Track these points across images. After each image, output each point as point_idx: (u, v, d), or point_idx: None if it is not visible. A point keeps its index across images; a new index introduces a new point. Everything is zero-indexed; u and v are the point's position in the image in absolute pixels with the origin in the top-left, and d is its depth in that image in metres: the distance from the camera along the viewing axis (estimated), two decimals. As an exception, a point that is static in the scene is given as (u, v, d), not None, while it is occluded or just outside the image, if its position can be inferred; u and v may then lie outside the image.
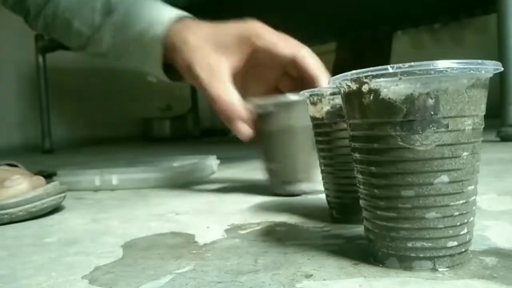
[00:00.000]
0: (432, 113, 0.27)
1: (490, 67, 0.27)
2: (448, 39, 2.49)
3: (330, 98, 0.40)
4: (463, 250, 0.29)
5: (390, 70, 0.26)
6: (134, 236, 0.42)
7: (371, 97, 0.28)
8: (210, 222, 0.46)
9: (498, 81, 1.14)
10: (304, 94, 0.43)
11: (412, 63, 0.26)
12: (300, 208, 0.50)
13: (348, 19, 1.97)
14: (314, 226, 0.42)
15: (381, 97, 0.27)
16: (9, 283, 0.32)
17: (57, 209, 0.57)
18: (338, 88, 0.31)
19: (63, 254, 0.38)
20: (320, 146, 0.43)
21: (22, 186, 0.54)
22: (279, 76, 0.59)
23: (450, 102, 0.27)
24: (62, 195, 0.57)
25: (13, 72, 2.41)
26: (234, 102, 0.54)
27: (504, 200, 0.48)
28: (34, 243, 0.43)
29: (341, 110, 0.37)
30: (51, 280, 0.32)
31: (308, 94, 0.42)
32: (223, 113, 0.54)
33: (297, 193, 0.57)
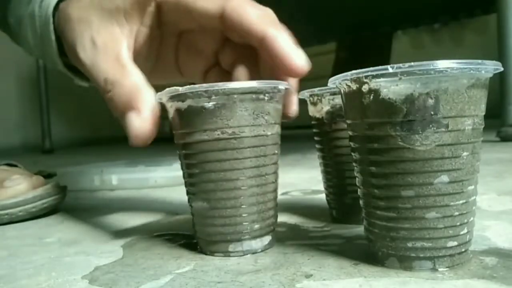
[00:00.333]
0: (432, 113, 0.27)
1: (490, 67, 0.27)
2: (448, 39, 2.49)
3: (330, 98, 0.40)
4: (463, 250, 0.29)
5: (390, 70, 0.26)
6: (134, 236, 0.42)
7: (371, 97, 0.28)
8: (210, 222, 0.46)
9: (498, 81, 1.14)
10: (271, 84, 0.33)
11: (412, 63, 0.26)
12: (300, 208, 0.50)
13: (348, 19, 1.97)
14: (314, 226, 0.42)
15: (381, 97, 0.27)
16: (9, 283, 0.32)
17: (57, 209, 0.57)
18: (338, 88, 0.31)
19: (63, 254, 0.38)
20: (320, 146, 0.43)
21: (21, 186, 0.54)
22: (218, 45, 0.40)
23: (450, 102, 0.27)
24: (62, 195, 0.57)
25: (13, 72, 2.41)
26: (129, 84, 0.35)
27: (504, 200, 0.48)
28: (34, 243, 0.43)
29: (341, 110, 0.37)
30: (51, 280, 0.32)
31: (308, 94, 0.42)
32: (114, 103, 0.36)
33: (234, 255, 0.34)
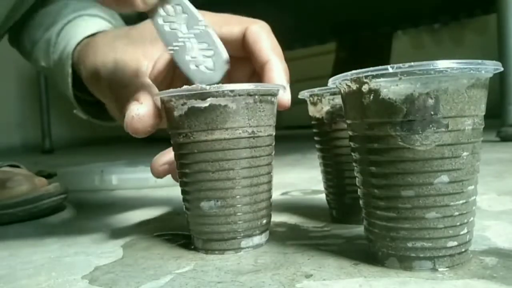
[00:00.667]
0: (432, 113, 0.27)
1: (490, 67, 0.27)
2: (448, 39, 2.49)
3: (330, 98, 0.40)
4: (463, 250, 0.29)
5: (390, 70, 0.26)
6: (134, 236, 0.42)
7: (371, 97, 0.28)
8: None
9: (498, 81, 1.14)
10: (264, 86, 0.35)
11: (412, 63, 0.26)
12: (300, 208, 0.50)
13: (348, 19, 1.97)
14: (314, 226, 0.42)
15: (381, 97, 0.27)
16: (9, 283, 0.32)
17: (57, 209, 0.57)
18: (338, 88, 0.31)
19: (63, 254, 0.38)
20: (320, 146, 0.43)
21: (23, 187, 0.54)
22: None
23: (450, 102, 0.27)
24: (63, 196, 0.58)
25: (13, 72, 2.41)
26: (138, 85, 0.37)
27: (504, 200, 0.48)
28: (34, 243, 0.43)
29: (341, 110, 0.37)
30: (51, 280, 0.32)
31: (308, 94, 0.42)
32: (122, 103, 0.37)
33: (226, 250, 0.35)
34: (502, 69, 0.28)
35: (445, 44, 2.48)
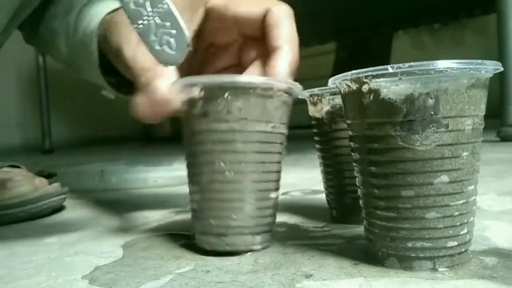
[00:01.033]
0: (432, 113, 0.27)
1: (490, 67, 0.27)
2: (448, 39, 2.49)
3: (330, 98, 0.40)
4: (463, 250, 0.29)
5: (390, 70, 0.26)
6: (134, 236, 0.42)
7: (371, 97, 0.28)
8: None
9: (498, 81, 1.14)
10: (271, 81, 0.34)
11: (412, 63, 0.26)
12: (300, 208, 0.50)
13: (348, 20, 1.97)
14: (314, 226, 0.42)
15: (381, 97, 0.27)
16: (9, 283, 0.32)
17: (57, 209, 0.57)
18: (338, 88, 0.31)
19: (63, 254, 0.38)
20: (320, 146, 0.43)
21: (23, 187, 0.54)
22: (241, 44, 0.42)
23: (450, 102, 0.27)
24: (63, 196, 0.58)
25: (13, 72, 2.41)
26: (160, 69, 0.36)
27: (504, 200, 0.48)
28: (34, 243, 0.43)
29: (341, 110, 0.37)
30: (51, 280, 0.32)
31: (308, 94, 0.42)
32: (145, 85, 0.37)
33: (233, 250, 0.34)
34: (502, 69, 0.28)
35: (445, 44, 2.48)
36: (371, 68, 0.27)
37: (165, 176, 0.75)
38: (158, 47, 0.33)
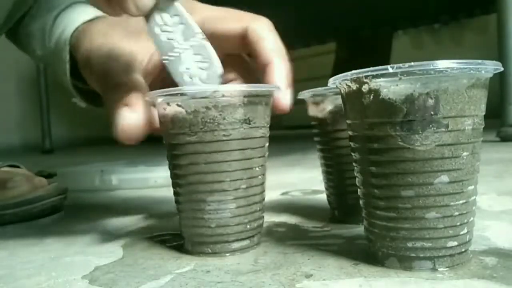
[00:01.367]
0: (432, 113, 0.27)
1: (490, 67, 0.27)
2: (448, 39, 2.49)
3: (333, 98, 0.40)
4: (463, 250, 0.29)
5: (390, 70, 0.26)
6: (134, 236, 0.42)
7: (371, 97, 0.28)
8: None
9: (498, 81, 1.14)
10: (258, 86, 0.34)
11: (412, 63, 0.26)
12: (300, 208, 0.50)
13: (348, 20, 1.97)
14: (314, 226, 0.42)
15: (381, 97, 0.27)
16: (9, 283, 0.32)
17: (57, 209, 0.57)
18: (338, 88, 0.31)
19: (63, 254, 0.38)
20: (321, 147, 0.43)
21: (23, 187, 0.54)
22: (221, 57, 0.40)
23: (450, 102, 0.27)
24: (63, 196, 0.58)
25: (13, 72, 2.42)
26: (128, 85, 0.36)
27: (504, 200, 0.48)
28: (34, 243, 0.43)
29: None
30: (51, 280, 0.32)
31: (310, 94, 0.42)
32: (111, 102, 0.36)
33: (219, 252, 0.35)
34: (502, 69, 0.28)
35: (445, 44, 2.48)
36: (371, 68, 0.27)
37: (165, 176, 0.75)
38: (187, 79, 0.32)
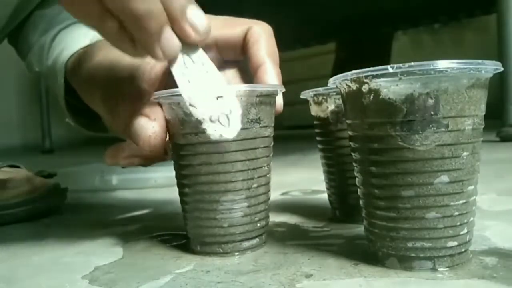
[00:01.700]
0: (432, 113, 0.27)
1: (490, 67, 0.27)
2: (448, 39, 2.49)
3: (336, 98, 0.40)
4: (463, 250, 0.29)
5: (390, 70, 0.26)
6: (134, 236, 0.42)
7: (371, 97, 0.28)
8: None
9: (498, 81, 1.14)
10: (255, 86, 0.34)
11: (412, 63, 0.26)
12: (300, 208, 0.50)
13: (348, 20, 1.97)
14: (314, 226, 0.42)
15: (381, 97, 0.27)
16: (9, 283, 0.32)
17: (57, 209, 0.57)
18: (338, 88, 0.31)
19: (63, 254, 0.38)
20: (323, 146, 0.43)
21: (23, 187, 0.54)
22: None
23: (450, 102, 0.27)
24: (63, 197, 0.58)
25: (13, 72, 2.41)
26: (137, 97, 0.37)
27: (504, 200, 0.48)
28: (34, 243, 0.43)
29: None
30: (51, 280, 0.32)
31: (312, 93, 0.42)
32: (122, 114, 0.38)
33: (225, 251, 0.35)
34: (502, 69, 0.28)
35: (445, 44, 2.48)
36: (371, 68, 0.27)
37: (165, 176, 0.75)
38: (209, 122, 0.32)
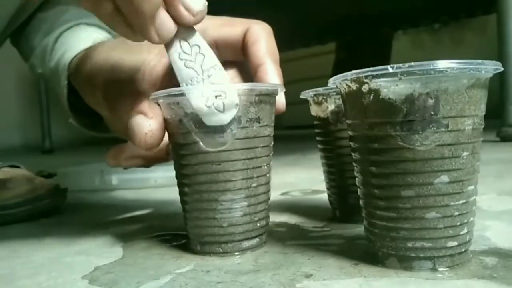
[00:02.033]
0: (432, 113, 0.27)
1: (490, 67, 0.27)
2: (448, 39, 2.49)
3: (336, 98, 0.40)
4: (463, 250, 0.29)
5: (390, 70, 0.26)
6: (134, 236, 0.43)
7: (371, 97, 0.28)
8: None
9: (498, 81, 1.14)
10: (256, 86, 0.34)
11: (412, 63, 0.26)
12: (300, 208, 0.50)
13: (348, 19, 1.97)
14: (314, 226, 0.42)
15: (381, 97, 0.27)
16: (9, 283, 0.32)
17: (57, 209, 0.57)
18: (338, 88, 0.31)
19: (63, 254, 0.38)
20: (323, 146, 0.43)
21: (23, 187, 0.54)
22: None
23: (450, 102, 0.27)
24: (63, 197, 0.58)
25: (13, 72, 2.41)
26: (135, 96, 0.37)
27: (504, 200, 0.48)
28: (34, 243, 0.43)
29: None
30: (51, 280, 0.32)
31: (312, 93, 0.42)
32: (120, 113, 0.38)
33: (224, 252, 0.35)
34: (502, 69, 0.28)
35: (445, 44, 2.48)
36: (371, 68, 0.27)
37: (165, 176, 0.75)
38: (205, 107, 0.32)
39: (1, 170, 0.57)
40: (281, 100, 0.37)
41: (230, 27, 0.39)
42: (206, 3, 0.32)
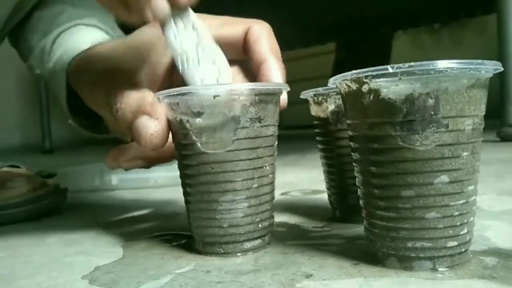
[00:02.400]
0: (432, 113, 0.27)
1: (490, 67, 0.27)
2: (448, 39, 2.49)
3: (336, 98, 0.40)
4: (463, 250, 0.29)
5: (390, 70, 0.26)
6: (134, 236, 0.43)
7: (371, 97, 0.28)
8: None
9: (498, 81, 1.14)
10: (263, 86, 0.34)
11: (412, 63, 0.26)
12: (300, 208, 0.50)
13: (348, 19, 1.97)
14: (314, 226, 0.42)
15: (381, 97, 0.27)
16: (9, 283, 0.32)
17: (57, 209, 0.57)
18: (338, 88, 0.31)
19: (63, 254, 0.38)
20: (323, 146, 0.43)
21: (23, 187, 0.54)
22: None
23: (450, 102, 0.27)
24: (63, 197, 0.58)
25: (13, 72, 2.41)
26: (137, 95, 0.36)
27: (504, 200, 0.48)
28: (34, 243, 0.43)
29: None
30: (51, 280, 0.32)
31: (312, 93, 0.41)
32: (123, 113, 0.36)
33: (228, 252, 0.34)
34: (502, 69, 0.28)
35: (445, 44, 2.48)
36: (371, 68, 0.27)
37: (165, 176, 0.75)
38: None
39: (1, 170, 0.57)
40: (283, 97, 0.37)
41: (231, 27, 0.39)
42: None
